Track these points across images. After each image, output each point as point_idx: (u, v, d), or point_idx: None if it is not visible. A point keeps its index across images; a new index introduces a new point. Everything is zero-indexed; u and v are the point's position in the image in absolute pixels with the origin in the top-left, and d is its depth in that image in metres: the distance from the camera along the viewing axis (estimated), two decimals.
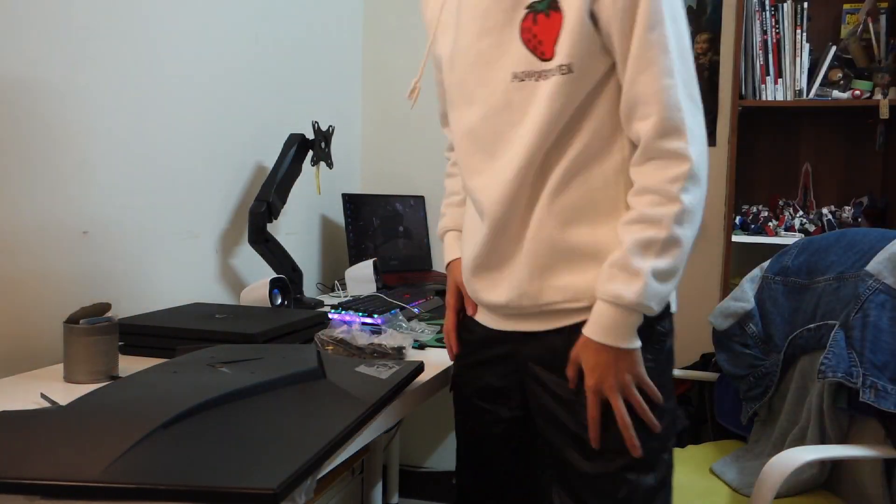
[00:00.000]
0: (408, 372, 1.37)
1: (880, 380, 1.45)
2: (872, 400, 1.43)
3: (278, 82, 2.47)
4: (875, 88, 2.42)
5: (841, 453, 1.49)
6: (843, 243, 1.75)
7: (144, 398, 1.10)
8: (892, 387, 1.44)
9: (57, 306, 1.62)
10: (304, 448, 0.96)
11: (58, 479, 0.86)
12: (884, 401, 1.43)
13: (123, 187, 1.82)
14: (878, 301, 1.52)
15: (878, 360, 1.47)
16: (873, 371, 1.46)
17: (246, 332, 1.57)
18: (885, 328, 1.49)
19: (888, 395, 1.43)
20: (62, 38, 1.63)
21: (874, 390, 1.44)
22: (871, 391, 1.44)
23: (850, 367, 1.48)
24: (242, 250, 2.28)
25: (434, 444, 3.07)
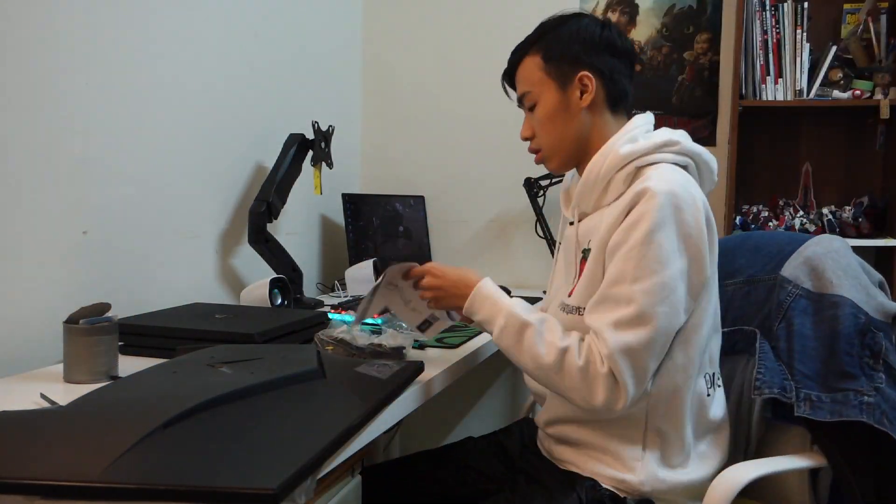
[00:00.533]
0: (408, 373, 1.37)
1: (813, 391, 1.43)
2: (809, 413, 1.40)
3: (278, 82, 2.47)
4: (875, 88, 2.42)
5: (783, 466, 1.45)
6: (748, 245, 1.70)
7: (144, 398, 1.10)
8: (825, 396, 1.42)
9: (57, 306, 1.62)
10: (304, 448, 0.96)
11: (58, 479, 0.86)
12: (819, 411, 1.40)
13: (123, 187, 1.82)
14: (800, 307, 1.50)
15: (808, 369, 1.45)
16: (805, 382, 1.44)
17: (246, 332, 1.57)
18: (810, 335, 1.47)
19: (823, 404, 1.41)
20: (62, 37, 1.63)
21: (808, 402, 1.42)
22: (805, 404, 1.41)
23: (784, 381, 1.45)
24: (242, 250, 2.28)
25: (434, 445, 3.06)
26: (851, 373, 1.41)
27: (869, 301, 1.47)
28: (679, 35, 2.75)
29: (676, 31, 2.76)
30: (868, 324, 1.44)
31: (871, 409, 1.37)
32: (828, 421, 1.39)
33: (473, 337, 1.92)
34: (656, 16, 2.77)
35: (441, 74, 2.99)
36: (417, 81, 3.02)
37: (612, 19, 2.80)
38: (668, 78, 2.77)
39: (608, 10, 2.80)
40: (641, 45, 2.79)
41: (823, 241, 1.57)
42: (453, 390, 1.83)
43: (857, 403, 1.38)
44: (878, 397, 1.38)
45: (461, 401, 3.04)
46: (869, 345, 1.43)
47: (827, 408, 1.40)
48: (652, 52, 2.78)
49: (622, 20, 2.79)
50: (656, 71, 2.78)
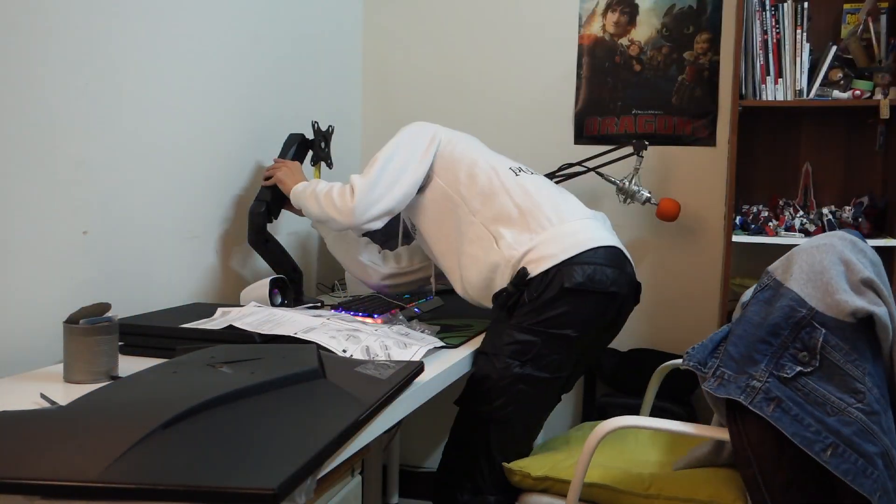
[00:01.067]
0: (408, 372, 1.37)
1: (729, 369, 1.51)
2: (713, 388, 1.50)
3: (278, 82, 2.47)
4: (875, 88, 2.41)
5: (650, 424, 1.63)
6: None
7: (144, 398, 1.10)
8: (734, 376, 1.49)
9: (57, 306, 1.62)
10: (304, 448, 0.96)
11: (58, 479, 0.86)
12: (722, 388, 1.49)
13: (123, 187, 1.82)
14: (763, 297, 1.56)
15: (735, 351, 1.52)
16: (727, 362, 1.52)
17: (245, 332, 1.57)
18: (756, 321, 1.53)
19: (729, 383, 1.49)
20: (62, 37, 1.63)
21: (720, 379, 1.51)
22: (716, 380, 1.51)
23: (709, 358, 1.55)
24: (242, 250, 2.28)
25: (434, 445, 3.07)
26: (755, 358, 1.49)
27: (824, 298, 1.48)
28: (679, 35, 2.75)
29: (676, 31, 2.76)
30: (809, 318, 1.47)
31: (751, 392, 1.46)
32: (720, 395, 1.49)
33: (473, 337, 1.92)
34: (656, 16, 2.77)
35: (441, 74, 3.00)
36: (417, 82, 3.02)
37: (612, 19, 2.81)
38: (668, 78, 2.77)
39: (608, 10, 2.80)
40: (641, 45, 2.79)
41: (818, 238, 1.60)
42: (454, 389, 1.83)
43: (744, 385, 1.47)
44: (773, 384, 1.45)
45: None
46: (803, 338, 1.47)
47: (728, 386, 1.49)
48: (652, 52, 2.78)
49: (622, 20, 2.80)
50: (656, 71, 2.78)
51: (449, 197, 1.98)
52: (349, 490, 1.57)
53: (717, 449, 1.75)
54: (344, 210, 1.94)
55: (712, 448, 1.75)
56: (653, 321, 2.83)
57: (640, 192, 2.60)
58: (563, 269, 1.78)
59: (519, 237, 1.85)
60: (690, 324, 2.79)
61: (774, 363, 1.48)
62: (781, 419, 1.42)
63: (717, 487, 1.64)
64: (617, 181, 2.63)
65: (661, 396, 2.57)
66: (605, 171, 2.67)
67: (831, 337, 1.46)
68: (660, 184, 2.78)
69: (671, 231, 2.79)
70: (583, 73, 2.85)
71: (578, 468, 1.60)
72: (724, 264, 2.48)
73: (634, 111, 2.80)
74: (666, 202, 2.61)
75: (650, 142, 2.75)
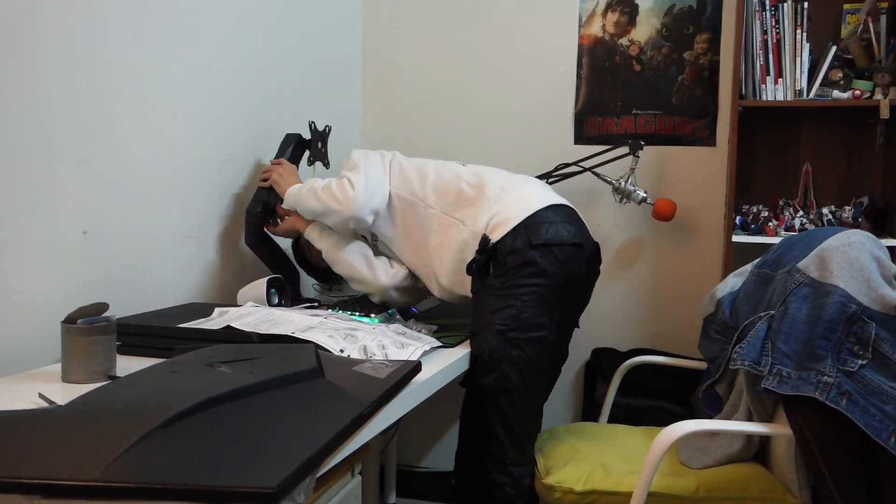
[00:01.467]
0: (405, 371, 1.37)
1: (786, 367, 1.55)
2: (774, 386, 1.54)
3: (278, 82, 2.47)
4: (875, 88, 2.41)
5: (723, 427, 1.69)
6: (807, 239, 1.82)
7: (143, 398, 1.09)
8: (795, 373, 1.53)
9: (56, 306, 1.62)
10: (302, 447, 0.96)
11: (57, 478, 0.86)
12: (784, 385, 1.53)
13: (123, 187, 1.82)
14: (801, 294, 1.62)
15: (789, 349, 1.56)
16: (782, 359, 1.56)
17: (243, 332, 1.57)
18: (802, 319, 1.58)
19: (790, 380, 1.53)
20: (62, 37, 1.63)
21: (778, 377, 1.54)
22: (775, 378, 1.54)
23: (761, 356, 1.59)
24: (242, 250, 2.28)
25: (431, 444, 3.06)
26: (820, 355, 1.53)
27: (868, 293, 1.55)
28: (679, 35, 2.75)
29: (676, 31, 2.75)
30: (860, 313, 1.54)
31: (825, 388, 1.49)
32: (788, 394, 1.52)
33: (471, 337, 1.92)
34: (656, 16, 2.77)
35: (441, 74, 2.99)
36: (417, 81, 3.02)
37: (612, 19, 2.81)
38: (667, 78, 2.77)
39: (608, 10, 2.80)
40: (641, 45, 2.79)
41: (843, 235, 1.66)
42: (452, 388, 1.83)
43: (815, 382, 1.51)
44: (841, 378, 1.50)
45: (459, 400, 3.03)
46: (856, 332, 1.53)
47: (791, 383, 1.53)
48: (652, 52, 2.78)
49: (622, 20, 2.79)
50: (656, 71, 2.78)
51: (404, 199, 2.06)
52: (349, 490, 1.57)
53: (748, 445, 1.79)
54: (345, 200, 1.98)
55: (744, 444, 1.79)
56: (652, 321, 2.83)
57: (636, 192, 2.60)
58: (526, 229, 1.88)
59: (479, 210, 1.96)
60: (690, 324, 2.78)
61: (837, 358, 1.52)
62: (854, 412, 1.47)
63: (765, 483, 1.70)
64: (613, 181, 2.63)
65: (662, 397, 2.58)
66: (604, 171, 2.67)
67: (880, 330, 1.53)
68: (659, 184, 2.78)
69: (671, 231, 2.79)
70: (583, 73, 2.84)
71: (642, 480, 1.58)
72: (724, 264, 2.48)
73: (634, 111, 2.80)
74: (662, 202, 2.61)
75: (650, 142, 2.75)
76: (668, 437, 1.56)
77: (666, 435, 1.56)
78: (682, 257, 2.79)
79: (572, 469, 1.81)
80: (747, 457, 1.80)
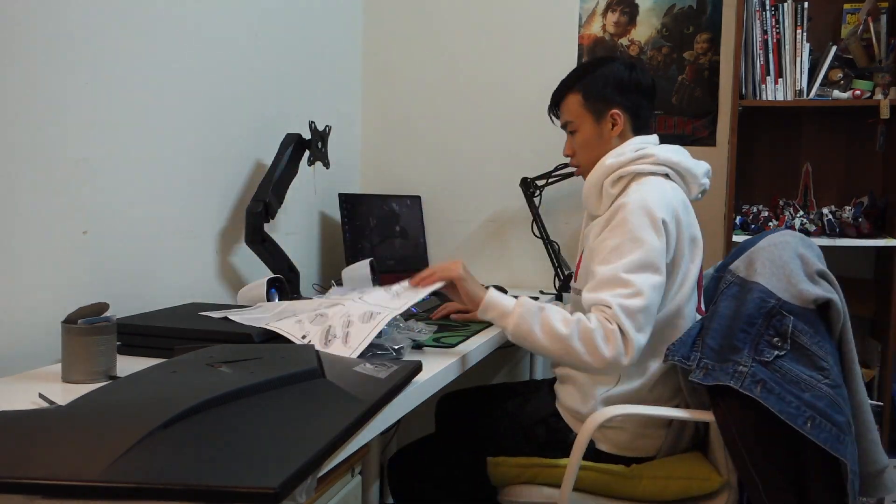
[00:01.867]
0: (406, 372, 1.37)
1: (711, 360, 1.65)
2: (700, 378, 1.64)
3: (278, 82, 2.47)
4: (875, 88, 2.42)
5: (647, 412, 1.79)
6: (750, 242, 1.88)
7: (144, 398, 1.09)
8: (717, 365, 1.64)
9: (56, 306, 1.62)
10: (304, 447, 0.96)
11: (58, 478, 0.85)
12: (708, 377, 1.64)
13: (123, 187, 1.82)
14: (731, 292, 1.74)
15: (714, 343, 1.67)
16: (709, 353, 1.67)
17: (244, 331, 1.57)
18: (728, 314, 1.70)
19: (714, 372, 1.63)
20: (62, 37, 1.63)
21: (704, 370, 1.65)
22: (701, 371, 1.65)
23: (690, 352, 1.69)
24: (242, 250, 2.28)
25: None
26: (738, 346, 1.64)
27: (788, 289, 1.66)
28: (679, 35, 2.75)
29: (676, 31, 2.76)
30: (778, 308, 1.65)
31: (740, 377, 1.60)
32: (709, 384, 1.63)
33: (471, 336, 1.92)
34: (656, 16, 2.77)
35: (441, 74, 2.99)
36: (417, 81, 3.02)
37: (612, 19, 2.81)
38: (668, 78, 2.77)
39: (608, 9, 2.80)
40: (641, 45, 2.79)
41: (773, 236, 1.79)
42: (449, 388, 1.83)
43: (732, 371, 1.62)
44: (756, 368, 1.61)
45: None
46: (775, 325, 1.64)
47: (713, 375, 1.63)
48: (652, 52, 2.78)
49: (622, 20, 2.79)
50: (656, 71, 2.77)
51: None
52: (349, 490, 1.57)
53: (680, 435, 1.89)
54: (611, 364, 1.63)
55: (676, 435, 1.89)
56: None
57: None
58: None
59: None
60: None
61: (754, 349, 1.63)
62: (768, 398, 1.57)
63: (696, 466, 1.81)
64: None
65: None
66: None
67: (798, 322, 1.63)
68: None
69: None
70: None
71: (572, 459, 1.72)
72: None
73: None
74: None
75: None
76: (595, 419, 1.71)
77: (591, 421, 1.71)
78: None
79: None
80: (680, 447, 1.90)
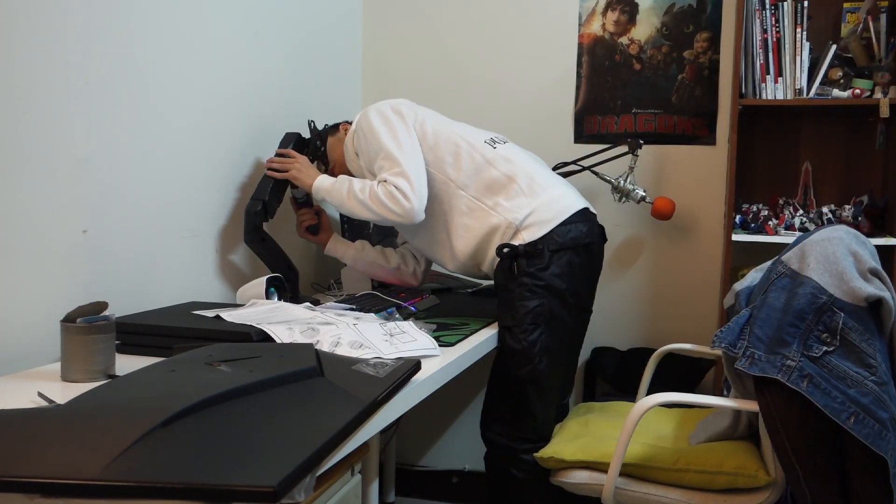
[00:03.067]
0: (405, 370, 1.37)
1: (758, 350, 1.68)
2: (745, 367, 1.68)
3: (278, 82, 2.47)
4: (875, 87, 2.41)
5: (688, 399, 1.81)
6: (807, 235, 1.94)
7: (143, 397, 1.09)
8: (766, 356, 1.67)
9: (56, 305, 1.62)
10: (303, 446, 0.96)
11: (58, 477, 0.86)
12: (754, 367, 1.67)
13: (123, 186, 1.82)
14: (780, 284, 1.75)
15: (763, 333, 1.70)
16: (756, 343, 1.69)
17: (243, 331, 1.57)
18: (778, 306, 1.71)
19: (759, 362, 1.67)
20: (62, 36, 1.63)
21: (750, 359, 1.68)
22: (747, 360, 1.68)
23: (737, 340, 1.73)
24: (242, 249, 2.28)
25: (430, 443, 3.06)
26: (787, 340, 1.66)
27: (840, 286, 1.67)
28: (679, 34, 2.75)
29: (676, 30, 2.75)
30: (829, 304, 1.66)
31: (788, 370, 1.63)
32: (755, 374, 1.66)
33: (470, 335, 1.92)
34: (656, 15, 2.76)
35: (441, 74, 2.99)
36: (417, 81, 3.02)
37: (612, 18, 2.81)
38: (667, 77, 2.76)
39: (608, 8, 2.80)
40: (641, 43, 2.79)
41: (825, 231, 1.80)
42: (451, 387, 1.83)
43: (780, 365, 1.64)
44: (804, 363, 1.63)
45: (458, 399, 3.03)
46: (825, 321, 1.65)
47: (760, 365, 1.66)
48: (652, 51, 2.77)
49: (622, 19, 2.79)
50: (656, 70, 2.77)
51: (436, 179, 2.13)
52: (349, 489, 1.57)
53: (735, 423, 1.93)
54: (404, 213, 2.03)
55: (731, 422, 1.93)
56: (652, 321, 2.82)
57: (634, 191, 2.60)
58: (555, 231, 2.07)
59: (515, 201, 2.10)
60: (689, 323, 2.78)
61: (803, 344, 1.65)
62: (814, 393, 1.60)
63: (741, 459, 1.83)
64: (612, 180, 2.63)
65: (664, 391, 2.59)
66: (603, 170, 2.67)
67: (849, 320, 1.64)
68: (659, 183, 2.78)
69: (671, 230, 2.79)
70: (583, 72, 2.84)
71: (619, 446, 1.77)
72: (724, 263, 2.48)
73: (634, 110, 2.80)
74: (660, 201, 2.61)
75: (650, 141, 2.75)
76: (640, 408, 1.75)
77: (638, 407, 1.75)
78: (682, 256, 2.79)
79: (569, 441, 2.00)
80: (733, 434, 1.95)
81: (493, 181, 2.12)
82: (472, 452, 2.99)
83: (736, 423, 1.93)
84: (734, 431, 1.94)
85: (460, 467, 3.03)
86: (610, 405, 2.34)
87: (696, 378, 2.62)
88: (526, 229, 2.07)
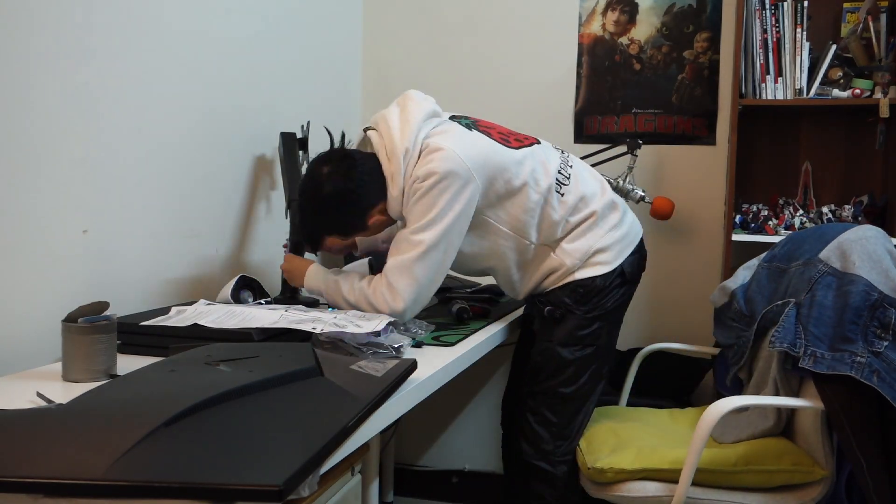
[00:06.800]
0: (402, 370, 1.37)
1: (819, 348, 1.74)
2: (811, 365, 1.73)
3: (278, 82, 2.47)
4: (875, 87, 2.42)
5: (764, 401, 1.88)
6: (817, 234, 1.99)
7: (145, 396, 1.09)
8: (828, 354, 1.73)
9: (56, 305, 1.61)
10: (306, 445, 0.96)
11: (61, 477, 0.85)
12: (819, 365, 1.72)
13: (123, 186, 1.82)
14: (825, 283, 1.81)
15: (819, 332, 1.76)
16: (815, 342, 1.75)
17: (243, 331, 1.57)
18: (829, 305, 1.78)
19: (824, 360, 1.72)
20: (62, 36, 1.62)
21: (813, 357, 1.74)
22: (810, 358, 1.74)
23: (796, 339, 1.78)
24: (242, 249, 2.28)
25: (428, 443, 3.06)
26: (851, 337, 1.72)
27: (887, 282, 1.76)
28: (679, 34, 2.75)
29: (676, 30, 2.75)
30: (881, 300, 1.73)
31: (859, 367, 1.69)
32: (824, 373, 1.71)
33: (470, 335, 1.92)
34: (656, 15, 2.77)
35: (441, 74, 2.99)
36: (417, 81, 3.02)
37: (612, 18, 2.81)
38: (667, 77, 2.77)
39: (608, 9, 2.80)
40: (641, 43, 2.79)
41: (859, 230, 1.88)
42: (450, 387, 1.83)
43: (850, 362, 1.70)
44: (871, 359, 1.69)
45: (458, 399, 3.03)
46: (879, 317, 1.73)
47: (826, 363, 1.72)
48: (652, 51, 2.78)
49: (622, 19, 2.79)
50: (656, 70, 2.78)
51: (497, 231, 1.97)
52: (349, 489, 1.57)
53: (778, 421, 1.96)
54: (392, 313, 1.82)
55: (775, 420, 1.96)
56: (653, 321, 2.83)
57: (634, 191, 2.60)
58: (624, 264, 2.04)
59: (575, 244, 2.01)
60: (689, 323, 2.79)
61: (866, 340, 1.72)
62: (882, 387, 1.66)
63: (794, 455, 1.85)
64: (611, 180, 2.63)
65: (662, 396, 2.59)
66: (603, 170, 2.67)
67: None
68: (658, 183, 2.78)
69: (671, 230, 2.79)
70: (583, 72, 2.84)
71: (691, 454, 1.74)
72: (724, 263, 2.48)
73: (634, 110, 2.80)
74: (660, 200, 2.61)
75: (650, 141, 2.75)
76: (715, 413, 1.73)
77: (713, 411, 1.73)
78: (682, 256, 2.79)
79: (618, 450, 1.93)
80: (777, 431, 1.96)
81: (555, 228, 1.99)
82: (472, 452, 2.99)
83: (779, 421, 1.96)
84: (777, 428, 1.96)
85: (460, 467, 3.03)
86: (624, 410, 2.32)
87: (696, 379, 2.62)
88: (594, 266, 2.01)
